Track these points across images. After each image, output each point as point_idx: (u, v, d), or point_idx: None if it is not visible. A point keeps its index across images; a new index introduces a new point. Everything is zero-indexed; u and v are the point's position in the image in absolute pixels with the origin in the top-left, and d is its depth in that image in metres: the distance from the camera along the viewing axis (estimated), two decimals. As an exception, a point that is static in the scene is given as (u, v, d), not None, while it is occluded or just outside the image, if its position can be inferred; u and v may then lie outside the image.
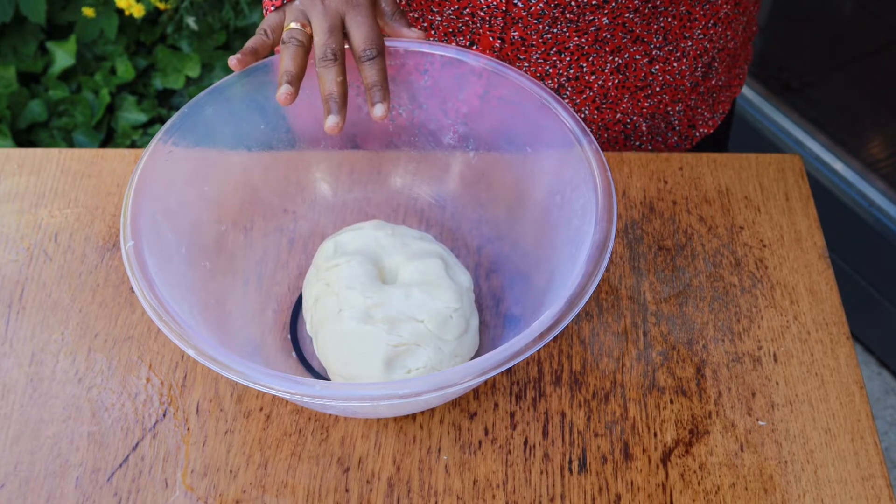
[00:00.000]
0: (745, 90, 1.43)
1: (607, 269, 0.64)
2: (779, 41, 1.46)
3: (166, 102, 1.47)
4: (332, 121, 0.55)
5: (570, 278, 0.50)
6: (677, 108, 0.74)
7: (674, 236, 0.66)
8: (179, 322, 0.49)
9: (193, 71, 1.42)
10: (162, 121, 1.43)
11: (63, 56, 1.42)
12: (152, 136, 1.03)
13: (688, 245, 0.65)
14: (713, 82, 0.74)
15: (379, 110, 0.55)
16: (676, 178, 0.69)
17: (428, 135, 0.64)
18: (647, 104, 0.72)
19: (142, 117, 1.40)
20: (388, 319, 0.55)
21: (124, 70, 1.42)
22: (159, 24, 1.50)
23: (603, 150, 0.68)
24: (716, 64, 0.73)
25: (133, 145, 1.39)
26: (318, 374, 0.58)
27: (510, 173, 0.62)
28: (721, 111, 0.78)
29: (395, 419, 0.57)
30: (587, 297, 0.49)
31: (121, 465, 0.55)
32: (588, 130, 0.55)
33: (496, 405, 0.58)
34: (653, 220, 0.67)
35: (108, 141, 1.43)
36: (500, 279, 0.61)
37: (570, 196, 0.56)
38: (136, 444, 0.56)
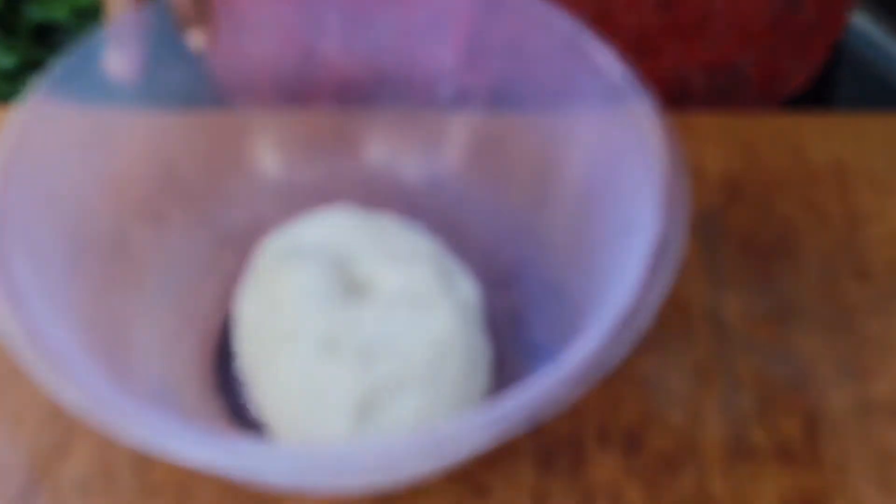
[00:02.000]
0: (866, 24, 1.42)
1: (674, 279, 0.63)
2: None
3: (46, 41, 1.46)
4: (195, 38, 0.57)
5: (621, 292, 0.49)
6: (748, 58, 0.72)
7: (769, 230, 0.64)
8: (55, 354, 0.47)
9: (83, -2, 1.42)
10: (40, 67, 1.42)
11: None
12: (25, 89, 1.02)
13: (789, 243, 0.64)
14: (800, 20, 0.73)
15: (193, 39, 0.57)
16: (771, 149, 0.67)
17: (417, 86, 0.63)
18: (703, 53, 0.71)
19: (9, 61, 1.39)
20: (359, 350, 0.54)
21: (-17, -6, 1.41)
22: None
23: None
24: None
25: (-2, 101, 1.38)
26: (258, 429, 0.57)
27: (533, 142, 0.61)
28: (815, 60, 0.77)
29: (373, 499, 0.55)
30: (646, 319, 0.47)
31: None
32: (643, 81, 0.56)
33: (516, 476, 0.56)
34: (738, 207, 0.65)
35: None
36: (521, 292, 0.60)
37: (618, 174, 0.55)
38: (-10, 536, 0.53)
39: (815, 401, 0.58)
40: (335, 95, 0.63)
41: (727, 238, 0.64)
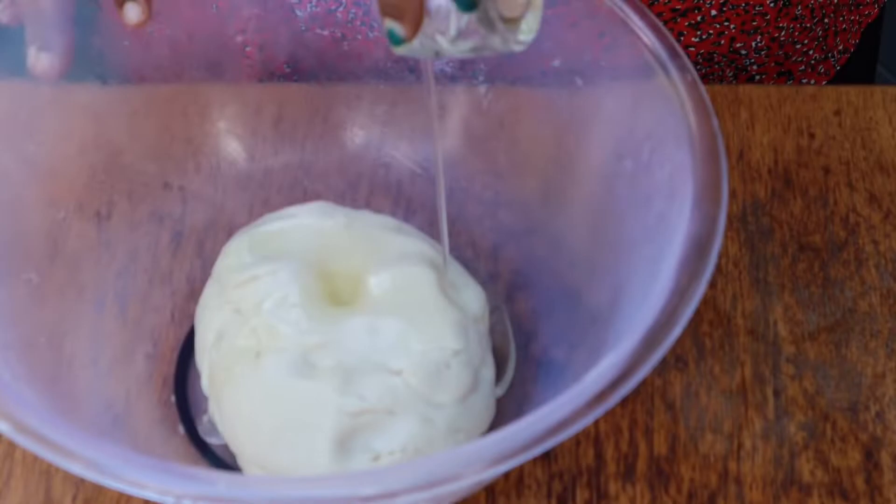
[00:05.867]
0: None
1: (712, 285, 0.64)
2: None
3: None
4: (132, 11, 0.57)
5: (650, 299, 0.50)
6: (754, 45, 0.75)
7: (826, 228, 0.66)
8: None
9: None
10: None
11: None
12: None
13: (850, 243, 0.66)
14: (818, 1, 0.76)
15: (131, 12, 0.57)
16: (831, 129, 0.69)
17: (408, 57, 0.64)
18: (697, 35, 0.74)
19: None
20: (341, 369, 0.55)
21: None
22: None
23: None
24: None
25: None
26: (223, 463, 0.58)
27: (548, 122, 0.63)
28: (841, 48, 0.80)
29: (355, 539, 0.58)
30: (677, 331, 0.49)
31: None
32: (679, 50, 0.56)
33: (525, 514, 0.58)
34: (790, 200, 0.67)
35: None
36: (532, 301, 0.62)
37: (648, 160, 0.57)
38: (-87, 584, 0.56)
39: (876, 428, 0.60)
40: (317, 67, 0.65)
41: (777, 237, 0.66)
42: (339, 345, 0.56)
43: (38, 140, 0.60)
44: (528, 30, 0.50)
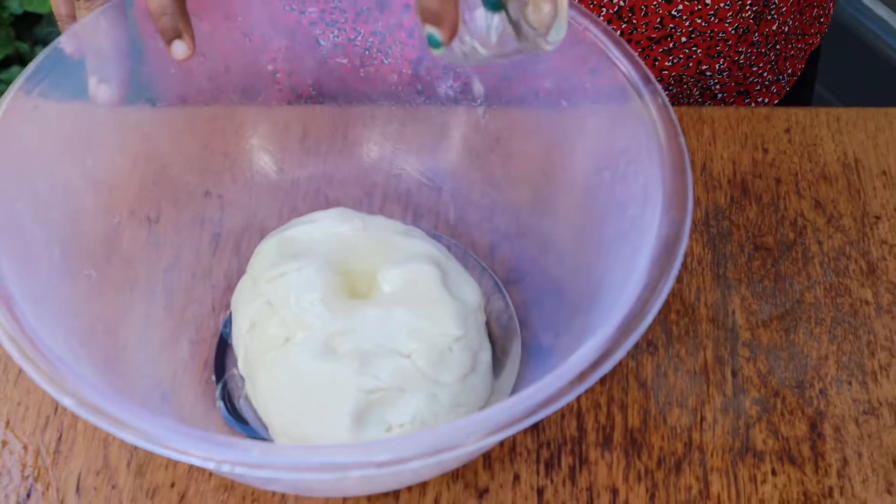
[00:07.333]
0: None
1: (679, 279, 0.65)
2: None
3: (28, 34, 1.46)
4: (179, 48, 0.58)
5: (625, 292, 0.51)
6: (717, 67, 0.75)
7: (777, 230, 0.67)
8: (50, 358, 0.49)
9: (67, -12, 1.42)
10: (23, 61, 1.42)
11: None
12: (8, 83, 1.02)
13: (798, 243, 0.67)
14: (773, 29, 0.76)
15: (178, 49, 0.58)
16: (781, 145, 0.70)
17: (417, 82, 0.65)
18: (669, 60, 0.74)
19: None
20: (358, 353, 0.56)
21: (-38, -15, 1.42)
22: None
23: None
24: (777, 1, 0.75)
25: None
26: (256, 434, 0.59)
27: (538, 139, 0.63)
28: (790, 71, 0.80)
29: (369, 498, 0.58)
30: (649, 320, 0.49)
31: (-33, 568, 0.56)
32: (652, 77, 0.57)
33: (517, 478, 0.59)
34: (746, 206, 0.68)
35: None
36: (523, 293, 0.63)
37: (624, 172, 0.58)
38: (-11, 538, 0.57)
39: (819, 403, 0.61)
40: (337, 91, 0.66)
41: (735, 238, 0.67)
42: (356, 332, 0.57)
43: (96, 155, 0.61)
44: (557, 30, 0.51)
